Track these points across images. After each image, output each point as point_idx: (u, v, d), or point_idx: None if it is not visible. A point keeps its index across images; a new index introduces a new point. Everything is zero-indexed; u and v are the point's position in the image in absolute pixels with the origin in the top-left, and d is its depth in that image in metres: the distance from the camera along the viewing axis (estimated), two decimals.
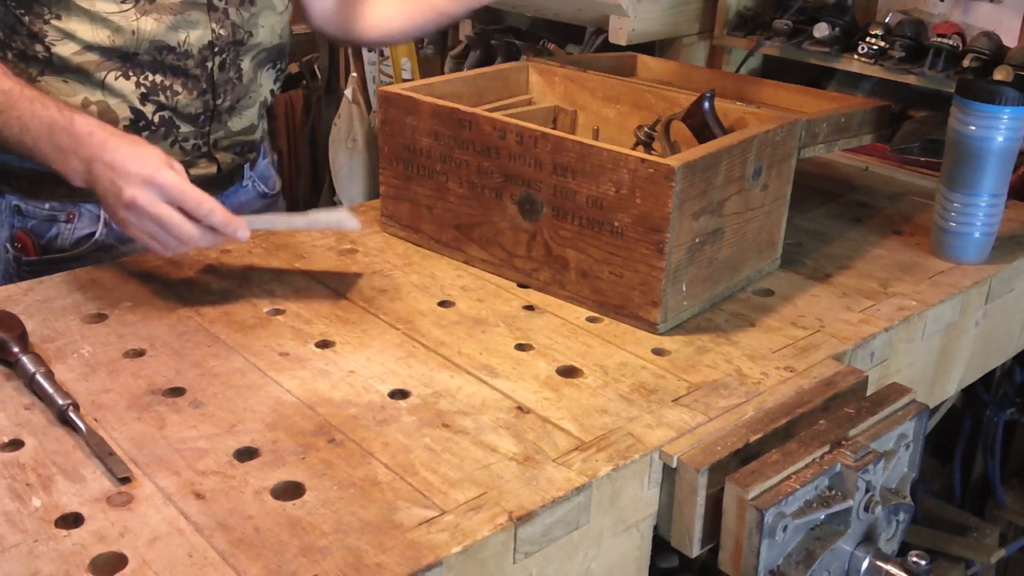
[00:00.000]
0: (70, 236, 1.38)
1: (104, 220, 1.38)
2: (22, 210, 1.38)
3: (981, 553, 1.85)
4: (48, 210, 1.37)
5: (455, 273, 1.29)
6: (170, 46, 1.32)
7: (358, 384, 1.02)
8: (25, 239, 1.37)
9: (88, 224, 1.38)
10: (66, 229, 1.38)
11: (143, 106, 1.33)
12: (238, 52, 1.40)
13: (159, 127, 1.36)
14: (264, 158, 1.60)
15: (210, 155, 1.44)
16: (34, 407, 0.97)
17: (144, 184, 1.09)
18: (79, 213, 1.38)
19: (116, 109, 1.32)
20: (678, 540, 0.96)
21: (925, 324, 1.24)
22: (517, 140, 1.20)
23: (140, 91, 1.33)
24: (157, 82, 1.33)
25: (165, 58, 1.32)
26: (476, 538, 0.80)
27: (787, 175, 1.28)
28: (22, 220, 1.38)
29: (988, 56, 1.63)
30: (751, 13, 1.96)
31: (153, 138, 1.35)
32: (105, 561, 0.78)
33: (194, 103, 1.37)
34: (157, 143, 1.32)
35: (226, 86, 1.40)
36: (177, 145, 1.38)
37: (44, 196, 1.37)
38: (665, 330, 1.15)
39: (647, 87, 1.45)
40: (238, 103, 1.44)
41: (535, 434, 0.95)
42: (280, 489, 0.86)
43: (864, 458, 0.96)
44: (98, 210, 1.38)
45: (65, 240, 1.38)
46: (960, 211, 1.33)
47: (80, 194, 1.33)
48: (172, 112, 1.36)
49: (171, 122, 1.36)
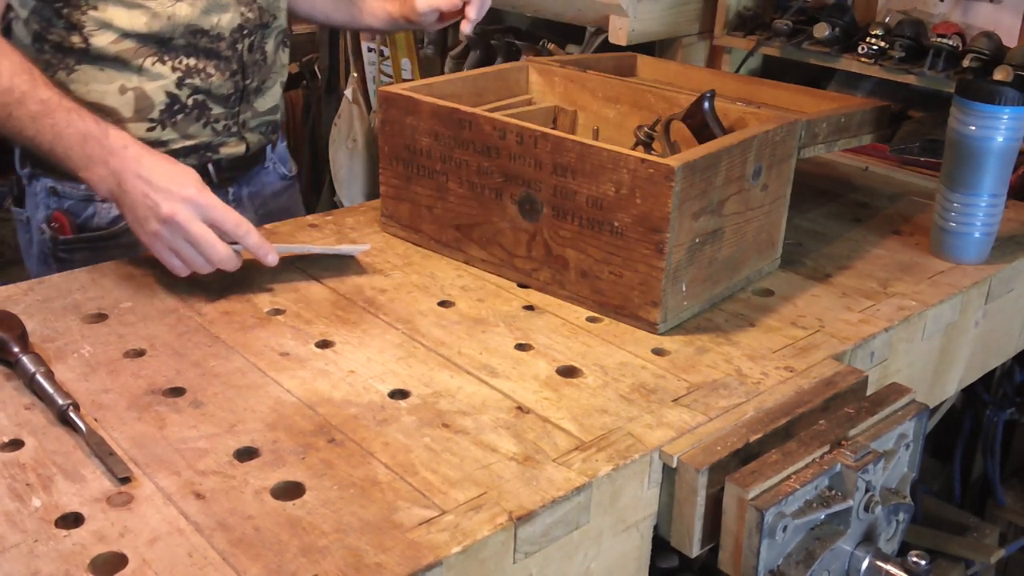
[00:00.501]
0: (106, 215, 1.42)
1: None
2: (58, 191, 1.42)
3: (981, 553, 1.85)
4: (84, 190, 1.40)
5: (455, 273, 1.29)
6: (204, 29, 1.37)
7: (358, 384, 1.02)
8: (62, 219, 1.42)
9: None
10: (103, 208, 1.42)
11: (179, 90, 1.38)
12: (264, 34, 1.46)
13: (192, 109, 1.41)
14: (281, 141, 1.66)
15: (240, 134, 1.49)
16: (34, 407, 0.97)
17: (184, 201, 1.12)
18: None
19: (152, 94, 1.37)
20: (678, 540, 0.96)
21: (925, 324, 1.24)
22: (517, 140, 1.20)
23: (176, 75, 1.38)
24: (191, 65, 1.38)
25: (199, 41, 1.37)
26: (476, 538, 0.80)
27: (787, 175, 1.28)
28: (58, 201, 1.42)
29: (988, 56, 1.63)
30: (751, 13, 1.96)
31: (187, 120, 1.41)
32: (105, 561, 0.78)
33: (226, 84, 1.42)
34: (190, 125, 1.40)
35: (254, 67, 1.46)
36: (209, 126, 1.44)
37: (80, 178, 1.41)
38: (665, 330, 1.15)
39: (647, 87, 1.45)
40: (264, 83, 1.50)
41: (535, 434, 0.95)
42: (280, 489, 0.86)
43: (864, 458, 0.96)
44: None
45: (101, 219, 1.42)
46: (960, 211, 1.33)
47: None
48: (206, 95, 1.41)
49: (204, 105, 1.41)
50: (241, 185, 1.54)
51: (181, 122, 1.40)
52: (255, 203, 1.57)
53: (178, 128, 1.41)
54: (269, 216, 1.57)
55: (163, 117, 1.39)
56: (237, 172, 1.51)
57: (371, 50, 2.87)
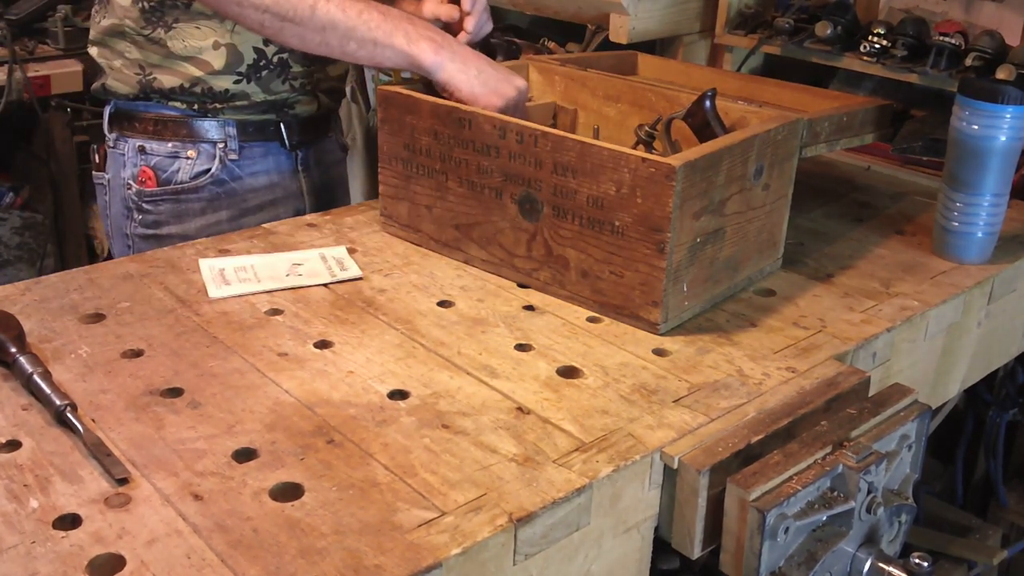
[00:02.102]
0: (190, 171, 1.53)
1: (219, 157, 1.53)
2: (146, 150, 1.53)
3: (983, 554, 1.84)
4: (171, 148, 1.53)
5: (455, 273, 1.28)
6: None
7: (357, 384, 1.02)
8: (149, 172, 1.53)
9: (205, 161, 1.53)
10: (186, 165, 1.53)
11: (265, 46, 1.49)
12: None
13: (276, 67, 1.51)
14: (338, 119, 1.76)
15: (313, 94, 1.59)
16: (32, 408, 0.96)
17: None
18: (199, 151, 1.52)
19: (242, 50, 1.47)
20: (679, 541, 0.96)
21: (927, 324, 1.23)
22: (517, 139, 1.19)
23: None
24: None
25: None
26: (476, 539, 0.80)
27: (789, 174, 1.27)
28: (146, 158, 1.54)
29: (990, 55, 1.63)
30: (752, 11, 1.96)
31: (270, 76, 1.52)
32: (103, 562, 0.77)
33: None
34: (272, 80, 1.53)
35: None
36: (288, 83, 1.54)
37: (168, 137, 1.53)
38: (666, 330, 1.15)
39: (648, 86, 1.45)
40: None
41: (535, 435, 0.94)
42: (279, 490, 0.86)
43: (866, 459, 0.95)
44: (213, 149, 1.53)
45: (185, 174, 1.53)
46: (962, 211, 1.33)
47: (199, 134, 1.52)
48: (288, 53, 1.51)
49: (286, 63, 1.52)
50: (309, 150, 1.63)
51: (265, 77, 1.51)
52: (320, 169, 1.66)
53: (261, 83, 1.51)
54: (329, 184, 1.69)
55: (249, 72, 1.50)
56: (306, 135, 1.61)
57: None
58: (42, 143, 2.90)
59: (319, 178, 1.66)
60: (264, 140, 1.57)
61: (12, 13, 2.80)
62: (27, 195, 3.06)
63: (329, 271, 1.26)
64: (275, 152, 1.59)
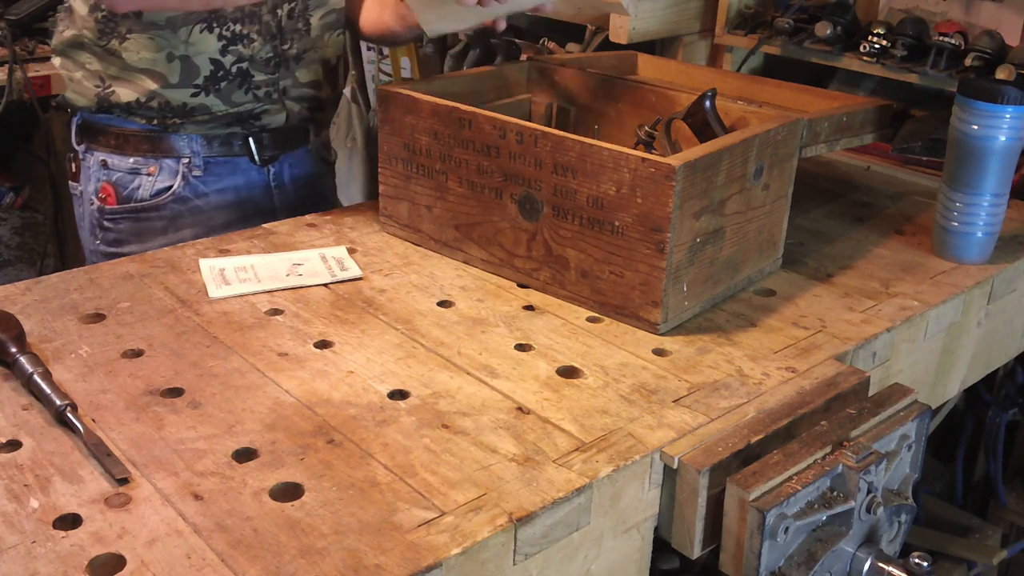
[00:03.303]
0: (151, 188, 1.49)
1: (182, 174, 1.49)
2: (108, 164, 1.49)
3: (983, 554, 1.84)
4: (132, 164, 1.49)
5: (455, 273, 1.28)
6: None
7: (357, 384, 1.02)
8: (109, 189, 1.50)
9: (167, 178, 1.49)
10: (147, 182, 1.49)
11: (223, 57, 1.44)
12: (307, 5, 1.50)
13: (236, 77, 1.47)
14: (326, 127, 1.70)
15: (280, 101, 1.53)
16: (32, 408, 0.96)
17: None
18: (160, 167, 1.49)
19: (197, 61, 1.43)
20: (679, 541, 0.96)
21: (927, 324, 1.23)
22: (517, 139, 1.19)
23: (221, 43, 1.43)
24: (237, 31, 1.43)
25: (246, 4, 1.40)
26: (476, 539, 0.80)
27: (788, 174, 1.27)
28: (108, 173, 1.50)
29: (990, 55, 1.63)
30: (752, 12, 1.96)
31: (230, 87, 1.47)
32: (103, 562, 0.77)
33: (265, 48, 1.47)
34: (233, 91, 1.48)
35: (293, 34, 1.50)
36: (251, 92, 1.49)
37: (129, 152, 1.48)
38: (666, 330, 1.15)
39: (648, 86, 1.45)
40: (304, 53, 1.53)
41: (535, 435, 0.94)
42: (279, 490, 0.86)
43: (866, 459, 0.95)
44: (177, 165, 1.48)
45: (146, 191, 1.49)
46: (962, 211, 1.33)
47: (162, 150, 1.47)
48: (248, 62, 1.46)
49: (247, 72, 1.47)
50: (283, 163, 1.58)
51: (225, 88, 1.47)
52: (296, 184, 1.62)
53: (221, 95, 1.47)
54: (307, 199, 1.62)
55: (207, 84, 1.45)
56: (279, 147, 1.56)
57: (370, 48, 2.86)
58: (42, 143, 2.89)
59: (295, 194, 1.60)
60: (231, 155, 1.52)
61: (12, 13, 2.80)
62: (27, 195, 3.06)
63: (329, 271, 1.26)
64: (244, 167, 1.54)
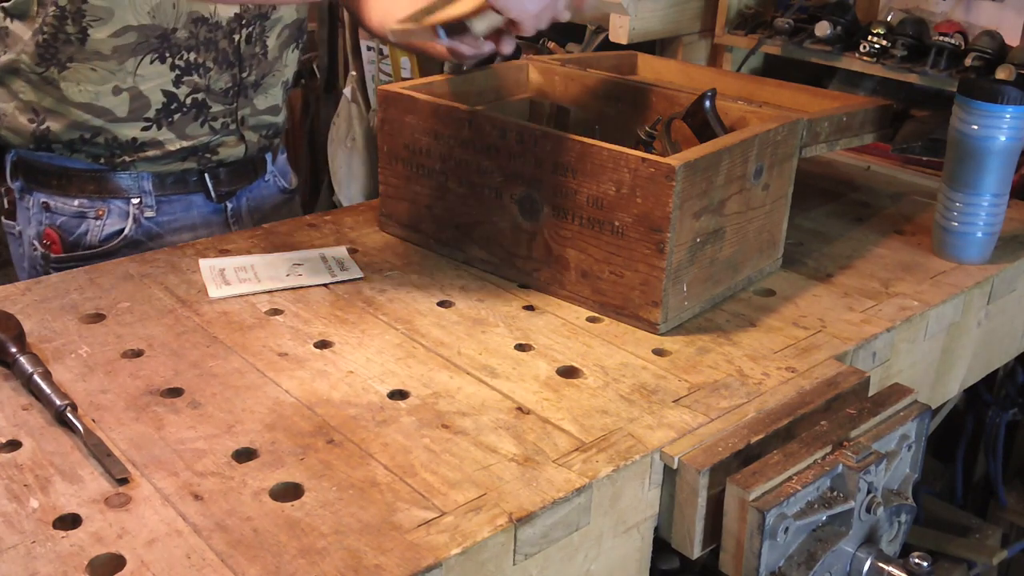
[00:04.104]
0: (99, 233, 1.38)
1: (133, 216, 1.38)
2: (51, 207, 1.37)
3: (983, 554, 1.84)
4: (77, 207, 1.37)
5: (455, 273, 1.28)
6: (204, 17, 1.33)
7: (357, 384, 1.02)
8: (53, 235, 1.37)
9: (117, 221, 1.38)
10: (95, 226, 1.38)
11: (176, 88, 1.35)
12: (264, 27, 1.42)
13: (191, 109, 1.38)
14: (282, 153, 1.62)
15: (238, 132, 1.46)
16: (32, 408, 0.96)
17: None
18: (108, 210, 1.37)
19: (149, 94, 1.34)
20: (679, 541, 0.96)
21: (927, 324, 1.23)
22: (517, 139, 1.19)
23: (175, 73, 1.34)
24: (191, 60, 1.34)
25: (199, 31, 1.33)
26: (476, 539, 0.80)
27: (788, 174, 1.27)
28: (51, 217, 1.37)
29: (990, 55, 1.63)
30: (752, 12, 1.96)
31: (184, 119, 1.37)
32: (103, 562, 0.77)
33: (223, 77, 1.39)
34: (188, 123, 1.36)
35: (252, 60, 1.43)
36: (207, 124, 1.40)
37: (74, 193, 1.36)
38: (666, 330, 1.15)
39: (648, 86, 1.45)
40: (263, 79, 1.46)
41: (535, 435, 0.94)
42: (279, 490, 0.86)
43: (866, 459, 0.95)
44: (127, 206, 1.37)
45: (94, 236, 1.38)
46: (962, 211, 1.33)
47: (109, 190, 1.34)
48: (205, 92, 1.37)
49: (203, 103, 1.38)
50: (240, 197, 1.50)
51: (179, 121, 1.37)
52: (254, 217, 1.55)
53: (175, 128, 1.38)
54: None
55: (159, 117, 1.36)
56: (236, 183, 1.47)
57: (370, 48, 2.86)
58: None
59: (255, 225, 1.52)
60: (186, 192, 1.42)
61: None
62: None
63: (329, 271, 1.26)
64: (200, 205, 1.44)
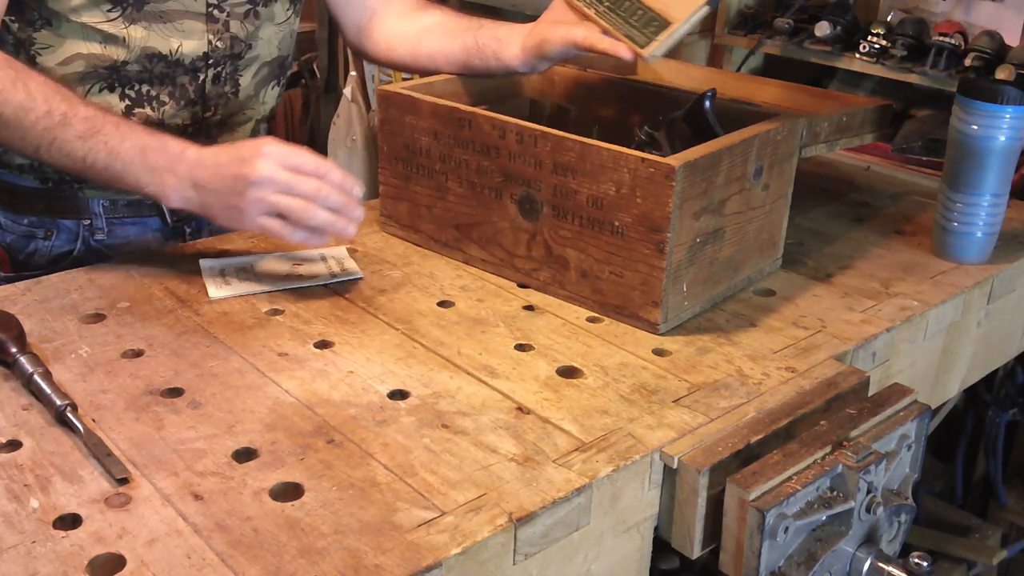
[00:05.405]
0: (47, 253, 1.34)
1: (82, 238, 1.34)
2: (1, 224, 1.34)
3: (983, 554, 1.85)
4: (26, 226, 1.33)
5: (455, 273, 1.28)
6: (161, 54, 1.27)
7: (357, 384, 1.02)
8: (2, 254, 1.33)
9: (66, 241, 1.34)
10: (44, 246, 1.34)
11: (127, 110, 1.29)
12: (236, 66, 1.35)
13: None
14: None
15: None
16: (32, 408, 0.96)
17: (260, 158, 1.08)
18: (57, 230, 1.34)
19: None
20: (679, 541, 0.96)
21: (927, 324, 1.23)
22: (517, 139, 1.19)
23: (124, 103, 1.28)
24: (143, 92, 1.29)
25: (155, 67, 1.27)
26: (476, 539, 0.80)
27: (788, 175, 1.27)
28: (1, 234, 1.34)
29: (990, 55, 1.63)
30: (752, 12, 1.96)
31: None
32: (103, 562, 0.77)
33: (181, 114, 1.32)
34: None
35: (218, 100, 1.35)
36: None
37: (22, 211, 1.33)
38: (666, 330, 1.15)
39: (647, 86, 1.45)
40: (230, 118, 1.39)
41: (535, 435, 0.94)
42: (279, 490, 0.86)
43: (866, 459, 0.95)
44: (77, 227, 1.34)
45: (42, 257, 1.34)
46: (962, 211, 1.33)
47: (58, 210, 1.29)
48: (158, 125, 1.29)
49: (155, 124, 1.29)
50: (201, 220, 1.40)
51: None
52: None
53: None
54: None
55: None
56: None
57: None
58: None
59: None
60: (140, 216, 1.36)
61: None
62: None
63: (329, 271, 1.26)
64: (155, 227, 1.38)
